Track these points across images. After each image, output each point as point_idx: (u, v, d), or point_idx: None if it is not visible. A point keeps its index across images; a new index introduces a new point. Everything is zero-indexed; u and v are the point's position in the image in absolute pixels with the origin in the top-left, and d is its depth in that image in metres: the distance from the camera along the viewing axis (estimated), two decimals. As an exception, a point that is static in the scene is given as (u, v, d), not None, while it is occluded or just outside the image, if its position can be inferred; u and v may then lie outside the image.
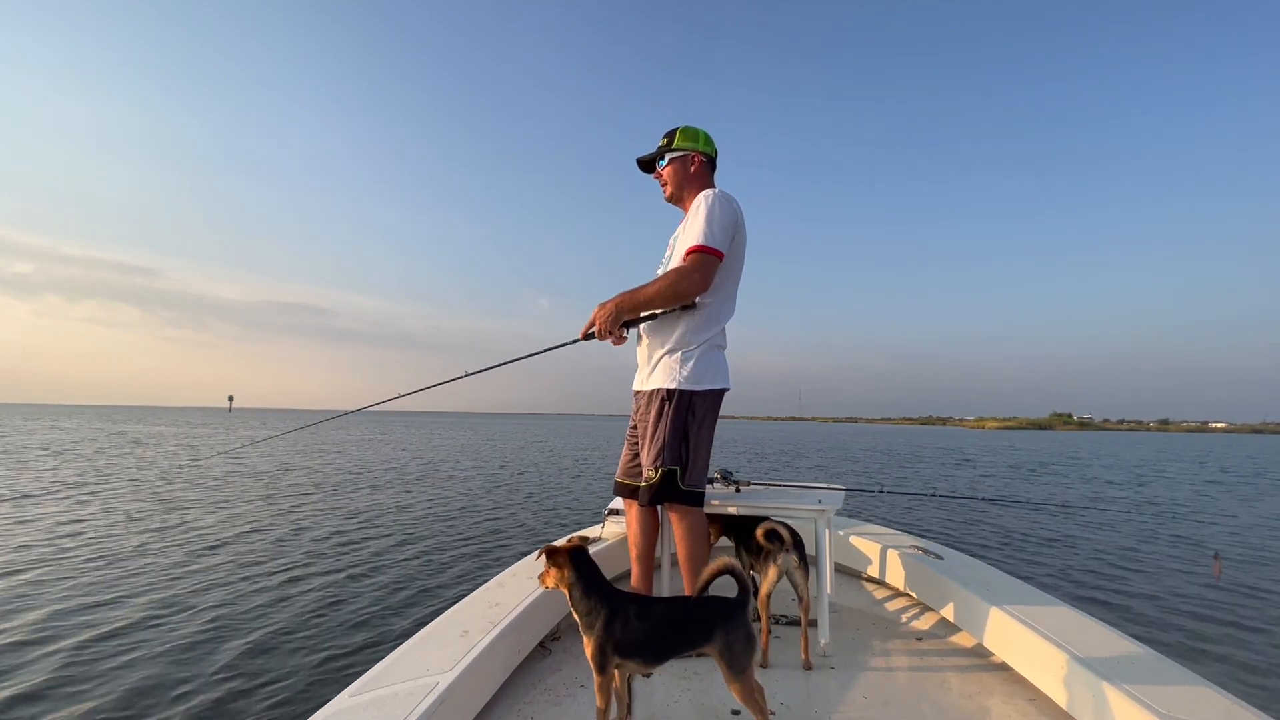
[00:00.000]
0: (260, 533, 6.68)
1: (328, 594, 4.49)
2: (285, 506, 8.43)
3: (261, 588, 4.62)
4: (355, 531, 6.86)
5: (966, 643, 2.05)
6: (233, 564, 5.29)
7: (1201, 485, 14.79)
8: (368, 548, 6.03)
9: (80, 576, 4.76)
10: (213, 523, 7.13)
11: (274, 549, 5.90)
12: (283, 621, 3.89)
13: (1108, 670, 1.43)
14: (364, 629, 3.81)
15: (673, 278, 1.84)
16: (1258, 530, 8.35)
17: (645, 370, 2.01)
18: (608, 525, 2.66)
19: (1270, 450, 40.45)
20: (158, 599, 4.30)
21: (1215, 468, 20.79)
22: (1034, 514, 8.88)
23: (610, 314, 1.86)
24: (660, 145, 2.11)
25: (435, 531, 6.87)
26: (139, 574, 4.89)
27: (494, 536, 6.77)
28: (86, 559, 5.30)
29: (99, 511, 7.67)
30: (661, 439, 1.88)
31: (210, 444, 22.54)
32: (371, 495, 9.82)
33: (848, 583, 2.68)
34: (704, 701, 1.63)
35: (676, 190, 2.10)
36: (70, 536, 6.20)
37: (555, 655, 1.92)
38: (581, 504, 9.43)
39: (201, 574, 4.95)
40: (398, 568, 5.30)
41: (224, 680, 3.06)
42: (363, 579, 4.91)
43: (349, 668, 3.23)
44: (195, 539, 6.24)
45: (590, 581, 1.43)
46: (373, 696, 1.30)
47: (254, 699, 2.89)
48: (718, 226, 1.86)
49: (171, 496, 9.19)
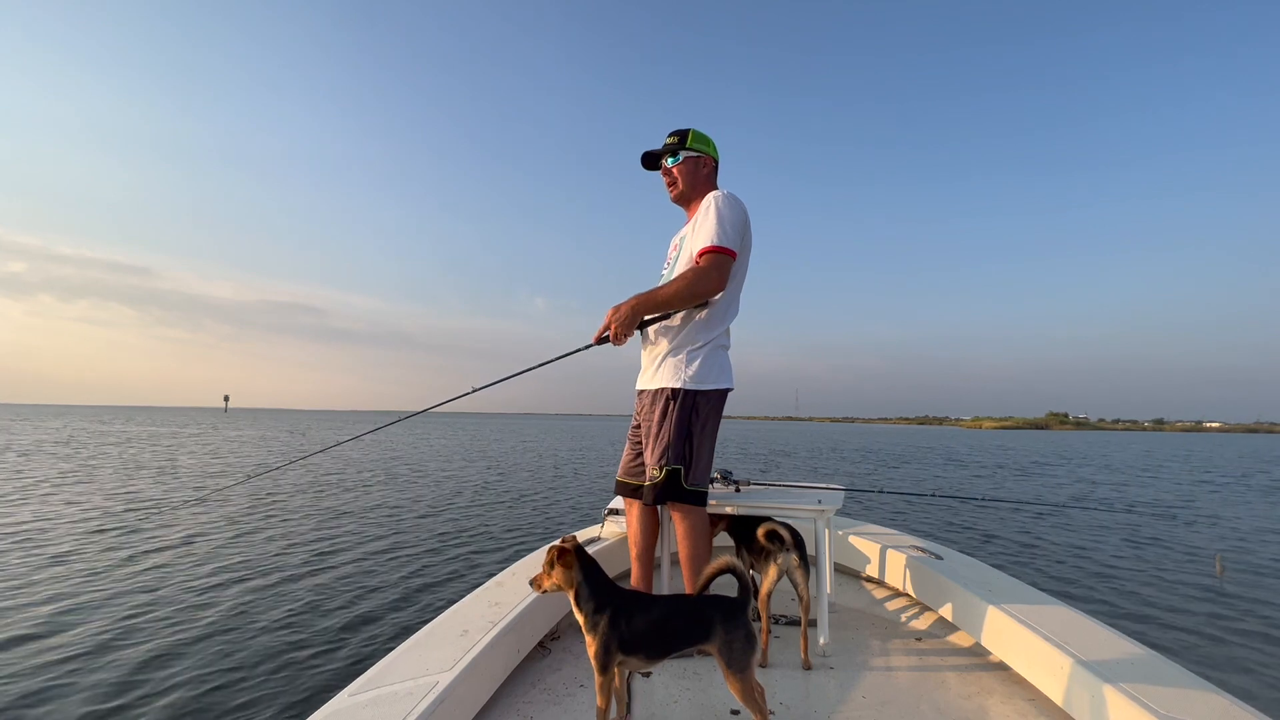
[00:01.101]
0: (259, 532, 6.65)
1: (326, 593, 4.47)
2: (284, 505, 8.40)
3: (260, 587, 4.60)
4: (354, 531, 6.84)
5: (966, 643, 2.06)
6: (230, 564, 5.26)
7: (1199, 486, 14.84)
8: (367, 547, 6.01)
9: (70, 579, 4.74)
10: (207, 523, 7.10)
11: (274, 549, 5.88)
12: (281, 621, 3.88)
13: (1107, 670, 1.43)
14: (363, 629, 3.80)
15: (690, 278, 1.85)
16: (1257, 530, 8.39)
17: (650, 369, 2.01)
18: (607, 525, 2.66)
19: (1265, 450, 40.68)
20: (156, 597, 4.27)
21: (1215, 469, 20.80)
22: (1033, 514, 8.91)
23: (626, 316, 1.86)
24: (669, 143, 2.09)
25: (434, 531, 6.85)
26: (136, 571, 4.86)
27: (493, 536, 6.75)
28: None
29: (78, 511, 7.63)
30: (666, 438, 1.88)
31: (220, 447, 22.34)
32: (369, 495, 9.80)
33: (847, 582, 2.69)
34: (703, 701, 1.63)
35: (687, 190, 2.09)
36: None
37: (555, 655, 1.92)
38: (580, 504, 9.43)
39: (200, 573, 4.92)
40: (397, 567, 5.28)
41: (223, 680, 3.05)
42: (362, 579, 4.89)
43: (348, 667, 3.22)
44: (194, 538, 6.21)
45: (595, 580, 1.44)
46: (372, 696, 1.29)
47: (253, 699, 2.87)
48: (730, 226, 1.88)
49: (163, 497, 9.15)
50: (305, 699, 2.88)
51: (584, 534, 2.66)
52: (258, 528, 6.91)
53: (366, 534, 6.72)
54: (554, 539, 1.63)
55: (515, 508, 8.80)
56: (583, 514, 8.46)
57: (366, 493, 10.06)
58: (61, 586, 4.48)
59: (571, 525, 7.47)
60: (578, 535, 2.63)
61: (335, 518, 7.65)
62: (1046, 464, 21.50)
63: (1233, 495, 12.59)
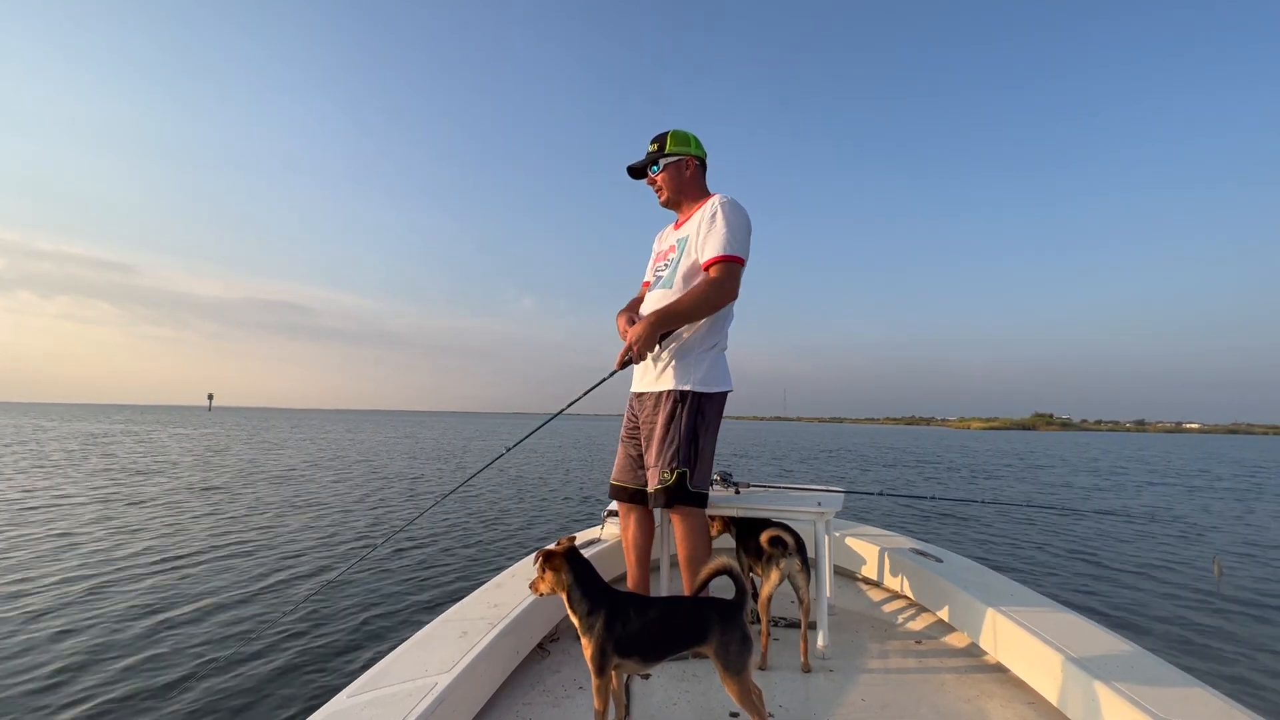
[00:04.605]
0: (258, 530, 6.58)
1: (325, 594, 4.43)
2: (282, 505, 8.32)
3: (259, 587, 4.55)
4: (353, 531, 6.78)
5: (965, 645, 2.06)
6: (228, 563, 5.20)
7: (1196, 486, 15.01)
8: (366, 547, 5.95)
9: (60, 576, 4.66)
10: (203, 522, 7.01)
11: (272, 548, 5.81)
12: (280, 621, 3.84)
13: (1106, 673, 1.44)
14: (362, 629, 3.77)
15: (706, 289, 1.86)
16: (1256, 530, 8.50)
17: (652, 372, 1.99)
18: (606, 526, 2.65)
19: (1242, 450, 41.31)
20: (154, 597, 4.22)
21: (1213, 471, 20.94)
22: (1032, 516, 8.95)
23: (646, 334, 1.85)
24: (650, 151, 2.09)
25: (433, 531, 6.80)
26: (133, 569, 4.79)
27: (492, 536, 6.70)
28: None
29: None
30: (675, 441, 1.88)
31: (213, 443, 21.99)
32: (370, 494, 9.72)
33: (846, 585, 2.69)
34: (702, 704, 1.62)
35: (674, 195, 2.10)
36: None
37: (554, 656, 1.91)
38: (579, 503, 9.39)
39: (198, 574, 4.86)
40: (397, 568, 5.24)
41: (222, 680, 3.01)
42: (361, 579, 4.84)
43: (347, 668, 3.20)
44: (190, 538, 6.13)
45: (588, 583, 1.43)
46: (371, 697, 1.29)
47: (253, 699, 2.84)
48: (740, 234, 1.89)
49: (150, 491, 9.02)
50: (305, 699, 2.85)
51: (583, 535, 2.65)
52: (260, 524, 6.84)
53: (368, 533, 6.66)
54: (553, 540, 1.62)
55: (514, 508, 8.73)
56: (583, 514, 8.42)
57: (375, 491, 9.98)
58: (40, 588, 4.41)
59: (570, 526, 7.44)
60: (577, 536, 2.61)
61: (343, 516, 7.59)
62: (1041, 466, 21.63)
63: (1232, 497, 12.72)
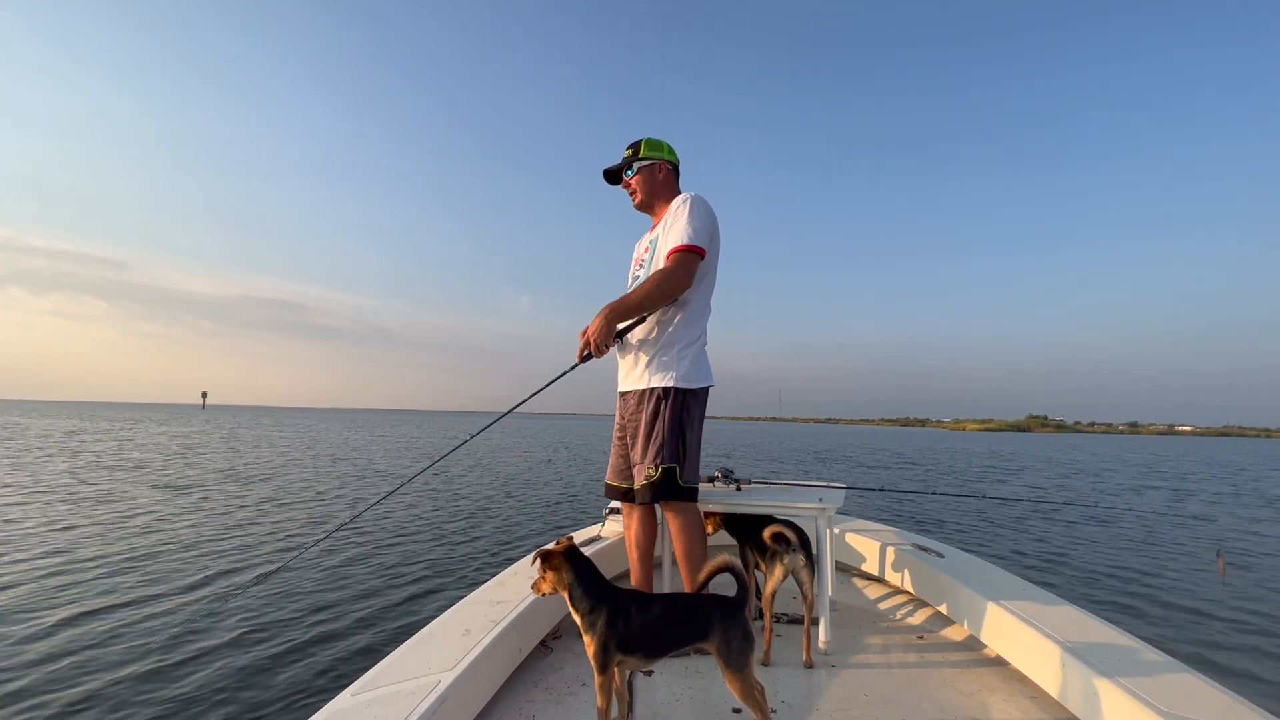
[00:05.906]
0: (256, 529, 6.54)
1: (327, 593, 4.40)
2: (280, 505, 8.27)
3: (259, 586, 4.52)
4: (354, 530, 6.74)
5: (966, 639, 2.07)
6: (227, 564, 5.17)
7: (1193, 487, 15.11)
8: (367, 546, 5.93)
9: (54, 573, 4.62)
10: (201, 522, 6.96)
11: (271, 548, 5.78)
12: (282, 620, 3.81)
13: (1108, 667, 1.45)
14: (365, 628, 3.75)
15: (658, 278, 1.89)
16: (1254, 529, 8.55)
17: (635, 370, 2.02)
18: (608, 524, 2.65)
19: (1232, 453, 41.64)
20: (153, 596, 4.19)
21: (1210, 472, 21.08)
22: (1030, 512, 9.00)
23: (602, 328, 1.88)
24: (625, 156, 2.17)
25: (433, 531, 6.77)
26: (131, 567, 4.75)
27: (492, 536, 6.68)
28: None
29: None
30: (661, 437, 1.90)
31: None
32: (371, 494, 9.67)
33: (848, 581, 2.70)
34: (706, 700, 1.62)
35: (647, 198, 2.15)
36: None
37: (557, 654, 1.91)
38: (579, 503, 9.36)
39: (196, 573, 4.83)
40: (398, 567, 5.22)
41: (223, 680, 2.99)
42: (362, 578, 4.82)
43: (350, 666, 3.18)
44: (189, 538, 6.08)
45: (589, 580, 1.43)
46: (374, 695, 1.28)
47: (254, 698, 2.83)
48: (699, 225, 1.93)
49: (146, 484, 8.95)
50: (307, 698, 2.84)
51: (584, 533, 2.64)
52: (258, 522, 6.80)
53: (368, 532, 6.64)
54: (555, 538, 1.62)
55: (514, 507, 8.70)
56: (583, 513, 8.41)
57: (376, 490, 9.94)
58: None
59: (572, 524, 7.42)
60: (577, 535, 2.60)
61: (329, 518, 7.55)
62: (1048, 465, 21.70)
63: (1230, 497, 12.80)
